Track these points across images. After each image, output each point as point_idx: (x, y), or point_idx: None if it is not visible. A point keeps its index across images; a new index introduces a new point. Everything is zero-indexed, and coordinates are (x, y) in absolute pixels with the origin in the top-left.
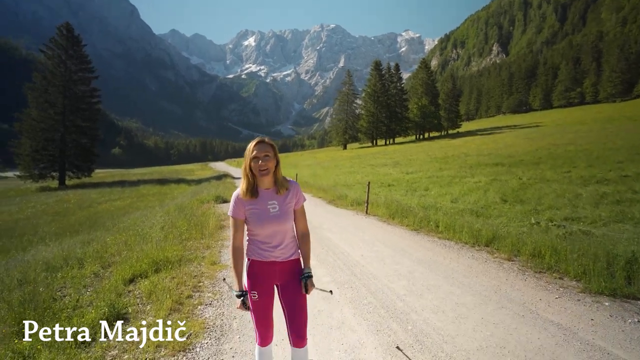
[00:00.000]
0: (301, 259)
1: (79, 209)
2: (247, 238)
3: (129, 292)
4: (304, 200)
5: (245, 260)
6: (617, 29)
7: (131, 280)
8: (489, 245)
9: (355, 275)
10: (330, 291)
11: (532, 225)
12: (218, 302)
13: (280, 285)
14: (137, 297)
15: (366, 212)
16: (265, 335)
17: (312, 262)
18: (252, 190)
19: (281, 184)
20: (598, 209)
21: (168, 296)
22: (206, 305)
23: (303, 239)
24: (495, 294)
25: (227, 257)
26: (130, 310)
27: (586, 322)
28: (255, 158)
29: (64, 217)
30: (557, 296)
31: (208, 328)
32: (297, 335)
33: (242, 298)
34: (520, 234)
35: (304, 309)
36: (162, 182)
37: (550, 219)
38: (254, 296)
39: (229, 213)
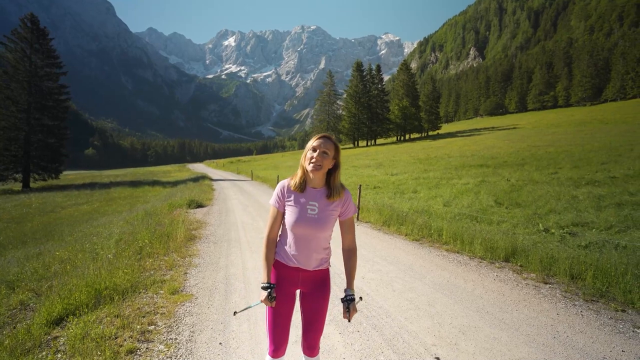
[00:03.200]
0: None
1: (40, 214)
2: (279, 235)
3: (51, 340)
4: (355, 212)
5: None
6: (585, 36)
7: (60, 320)
8: (509, 260)
9: (361, 311)
10: (360, 297)
11: (542, 232)
12: None
13: (302, 292)
14: (59, 352)
15: (357, 219)
16: (278, 346)
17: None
18: (302, 183)
19: (336, 191)
20: (602, 213)
21: (99, 353)
22: None
23: (349, 255)
24: (555, 341)
25: (194, 282)
26: None
27: None
28: (312, 149)
29: (19, 224)
30: None
31: None
32: (310, 344)
33: (269, 290)
34: (536, 244)
35: (322, 321)
36: (135, 184)
37: (558, 225)
38: None
39: (270, 201)
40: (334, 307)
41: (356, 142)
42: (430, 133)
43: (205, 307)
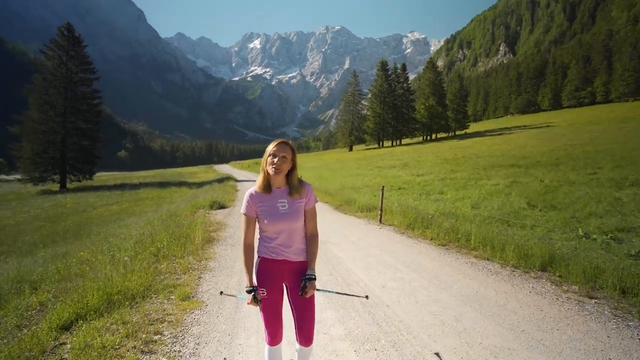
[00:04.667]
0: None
1: (73, 214)
2: (259, 236)
3: (57, 347)
4: (315, 201)
5: (256, 257)
6: (628, 27)
7: (69, 325)
8: (546, 269)
9: (379, 325)
10: (366, 296)
11: (582, 238)
12: None
13: (289, 286)
14: None
15: (380, 222)
16: (274, 334)
17: (317, 298)
18: (266, 185)
19: (295, 189)
20: None
21: None
22: None
23: (311, 240)
24: None
25: (207, 287)
26: None
27: None
28: (272, 155)
29: (54, 223)
30: None
31: None
32: (305, 336)
33: (252, 293)
34: (576, 251)
35: (312, 311)
36: (162, 185)
37: (600, 230)
38: (262, 293)
39: (241, 210)
40: (350, 319)
41: (381, 142)
42: (458, 132)
43: (214, 315)
